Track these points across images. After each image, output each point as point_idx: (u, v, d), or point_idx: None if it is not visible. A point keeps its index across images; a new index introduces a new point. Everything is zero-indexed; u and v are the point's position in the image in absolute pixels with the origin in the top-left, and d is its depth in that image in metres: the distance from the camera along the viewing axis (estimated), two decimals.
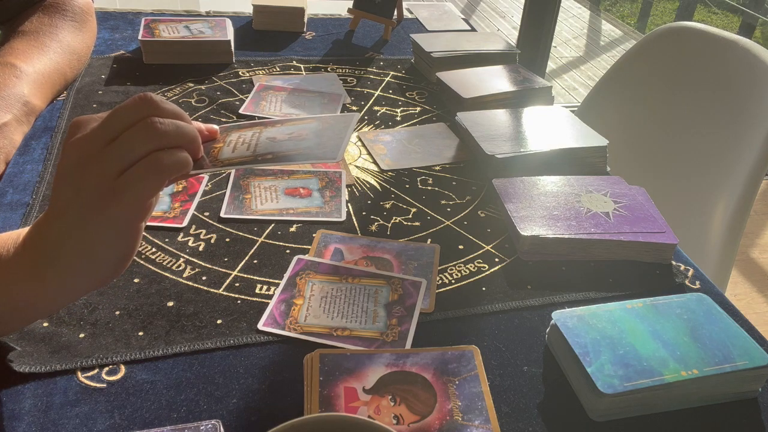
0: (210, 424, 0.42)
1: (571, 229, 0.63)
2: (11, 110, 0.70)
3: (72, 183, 0.39)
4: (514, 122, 0.83)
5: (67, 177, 0.39)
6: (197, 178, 0.70)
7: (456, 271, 0.61)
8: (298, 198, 0.69)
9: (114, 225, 0.40)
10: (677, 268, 0.64)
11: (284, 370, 0.49)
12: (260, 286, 0.57)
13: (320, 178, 0.73)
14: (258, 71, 0.98)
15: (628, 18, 4.92)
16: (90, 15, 0.89)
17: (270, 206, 0.67)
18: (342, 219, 0.66)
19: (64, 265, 0.40)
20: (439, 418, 0.44)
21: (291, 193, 0.70)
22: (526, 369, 0.51)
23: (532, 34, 1.95)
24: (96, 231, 0.39)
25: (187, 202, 0.66)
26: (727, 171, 0.97)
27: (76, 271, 0.40)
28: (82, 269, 0.40)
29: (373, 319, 0.53)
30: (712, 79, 1.05)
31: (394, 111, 0.91)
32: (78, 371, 0.47)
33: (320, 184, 0.72)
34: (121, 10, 1.17)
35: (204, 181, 0.70)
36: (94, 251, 0.40)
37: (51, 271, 0.40)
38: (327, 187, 0.71)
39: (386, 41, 1.16)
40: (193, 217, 0.65)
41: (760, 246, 2.06)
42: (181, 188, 0.68)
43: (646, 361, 0.47)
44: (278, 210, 0.67)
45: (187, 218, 0.64)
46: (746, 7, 4.09)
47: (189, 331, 0.51)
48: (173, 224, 0.63)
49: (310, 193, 0.70)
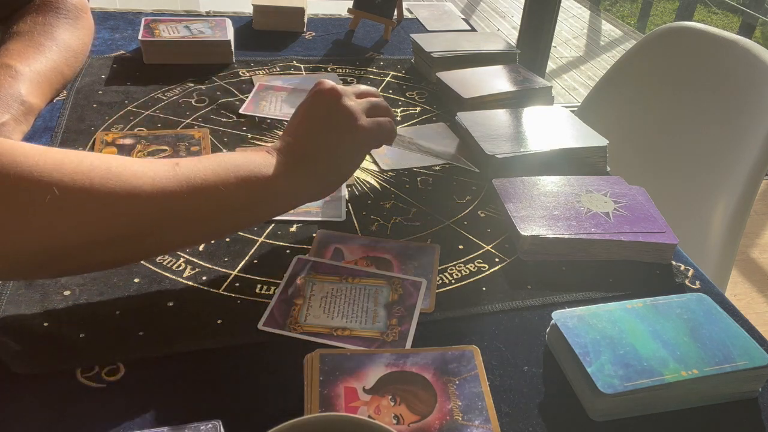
0: (210, 424, 0.42)
1: (571, 229, 0.63)
2: (9, 110, 0.70)
3: (327, 108, 0.56)
4: (514, 122, 0.83)
5: (319, 105, 0.56)
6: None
7: (456, 271, 0.61)
8: None
9: (354, 144, 0.56)
10: (677, 268, 0.64)
11: (284, 370, 0.49)
12: (260, 286, 0.57)
13: None
14: (258, 71, 0.98)
15: (628, 18, 4.92)
16: (85, 12, 0.89)
17: None
18: (342, 219, 0.66)
19: (315, 166, 0.54)
20: (439, 418, 0.44)
21: None
22: (526, 369, 0.51)
23: (532, 34, 1.95)
24: (340, 144, 0.56)
25: None
26: (727, 171, 0.97)
27: (321, 172, 0.55)
28: (324, 172, 0.55)
29: (373, 319, 0.53)
30: (712, 79, 1.05)
31: (394, 111, 0.91)
32: (78, 371, 0.47)
33: None
34: (121, 10, 1.17)
35: None
36: (337, 160, 0.56)
37: (306, 169, 0.54)
38: None
39: (386, 41, 1.16)
40: None
41: (760, 246, 2.06)
42: None
43: (646, 361, 0.47)
44: None
45: None
46: (746, 7, 4.09)
47: (189, 331, 0.51)
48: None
49: None
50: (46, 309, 0.52)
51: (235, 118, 0.85)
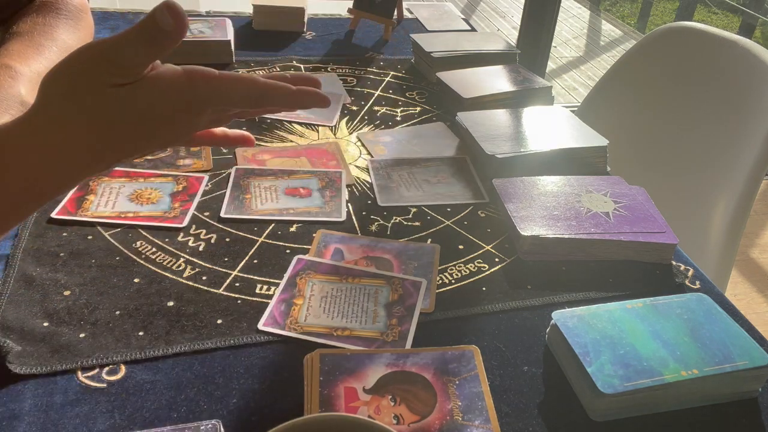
0: (210, 424, 0.42)
1: (571, 229, 0.63)
2: (9, 111, 0.70)
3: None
4: (514, 122, 0.83)
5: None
6: (197, 179, 0.70)
7: (456, 271, 0.61)
8: (298, 198, 0.69)
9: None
10: (677, 268, 0.64)
11: (284, 370, 0.49)
12: (260, 286, 0.57)
13: (320, 178, 0.73)
14: (258, 71, 0.98)
15: (628, 18, 4.92)
16: (85, 12, 0.89)
17: (270, 206, 0.67)
18: (342, 219, 0.66)
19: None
20: (439, 417, 0.44)
21: (291, 193, 0.70)
22: (526, 369, 0.51)
23: (532, 34, 1.95)
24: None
25: (187, 202, 0.66)
26: (727, 171, 0.97)
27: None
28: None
29: (373, 319, 0.53)
30: (712, 79, 1.05)
31: (394, 111, 0.91)
32: (78, 371, 0.47)
33: (320, 184, 0.72)
34: (121, 10, 1.17)
35: (204, 181, 0.70)
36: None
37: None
38: (327, 187, 0.71)
39: (386, 41, 1.16)
40: (194, 217, 0.65)
41: (760, 246, 2.06)
42: (181, 188, 0.68)
43: (646, 361, 0.47)
44: (278, 210, 0.67)
45: (187, 218, 0.64)
46: (746, 7, 4.09)
47: (189, 331, 0.51)
48: (173, 224, 0.63)
49: (310, 193, 0.70)
50: (46, 309, 0.52)
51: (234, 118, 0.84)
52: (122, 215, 0.63)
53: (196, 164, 0.73)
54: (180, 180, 0.69)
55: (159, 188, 0.68)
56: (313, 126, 0.85)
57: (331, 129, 0.85)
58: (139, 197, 0.66)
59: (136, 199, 0.65)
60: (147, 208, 0.64)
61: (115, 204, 0.64)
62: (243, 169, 0.73)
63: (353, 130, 0.85)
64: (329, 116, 0.87)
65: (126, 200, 0.65)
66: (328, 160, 0.77)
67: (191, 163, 0.73)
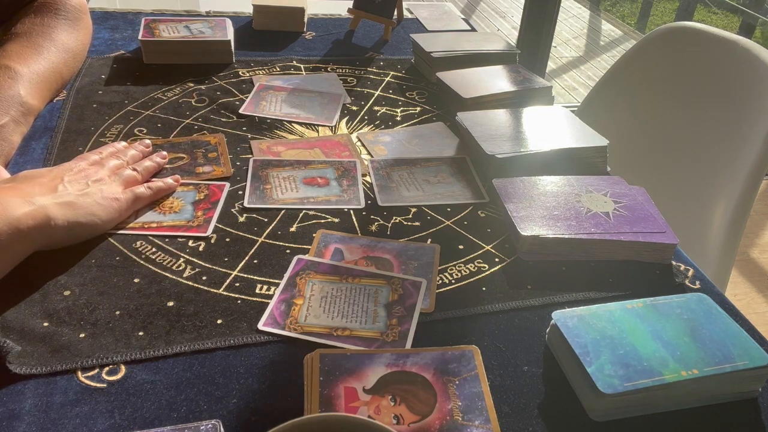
0: (210, 424, 0.42)
1: (571, 229, 0.63)
2: (8, 112, 0.70)
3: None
4: (514, 122, 0.83)
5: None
6: (219, 186, 0.69)
7: (456, 271, 0.61)
8: (316, 187, 0.71)
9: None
10: (677, 268, 0.64)
11: (284, 370, 0.49)
12: (260, 286, 0.57)
13: (335, 167, 0.74)
14: (258, 71, 0.98)
15: (628, 18, 4.92)
16: (84, 13, 0.89)
17: (291, 195, 0.69)
18: (362, 206, 0.68)
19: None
20: (439, 418, 0.44)
21: (309, 183, 0.71)
22: (526, 369, 0.51)
23: (532, 34, 1.95)
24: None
25: (209, 210, 0.65)
26: (727, 171, 0.97)
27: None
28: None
29: (373, 319, 0.53)
30: (712, 78, 1.05)
31: (394, 111, 0.91)
32: (78, 371, 0.47)
33: (336, 173, 0.73)
34: (121, 10, 1.17)
35: (226, 189, 0.69)
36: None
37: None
38: (343, 176, 0.73)
39: (386, 41, 1.16)
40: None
41: (760, 246, 2.06)
42: (203, 196, 0.67)
43: (646, 361, 0.47)
44: (299, 199, 0.68)
45: (211, 226, 0.63)
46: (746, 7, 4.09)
47: (189, 331, 0.51)
48: (197, 233, 0.62)
49: (327, 182, 0.72)
50: (46, 309, 0.52)
51: (235, 118, 0.85)
52: (146, 225, 0.63)
53: (216, 171, 0.72)
54: (201, 188, 0.69)
55: (181, 197, 0.67)
56: (313, 126, 0.85)
57: (331, 129, 0.85)
58: (161, 207, 0.65)
59: (159, 209, 0.65)
60: (170, 218, 0.64)
61: (138, 214, 0.64)
62: (260, 161, 0.74)
63: (353, 130, 0.85)
64: (329, 116, 0.87)
65: (148, 210, 0.65)
66: (341, 151, 0.79)
67: (211, 170, 0.72)
